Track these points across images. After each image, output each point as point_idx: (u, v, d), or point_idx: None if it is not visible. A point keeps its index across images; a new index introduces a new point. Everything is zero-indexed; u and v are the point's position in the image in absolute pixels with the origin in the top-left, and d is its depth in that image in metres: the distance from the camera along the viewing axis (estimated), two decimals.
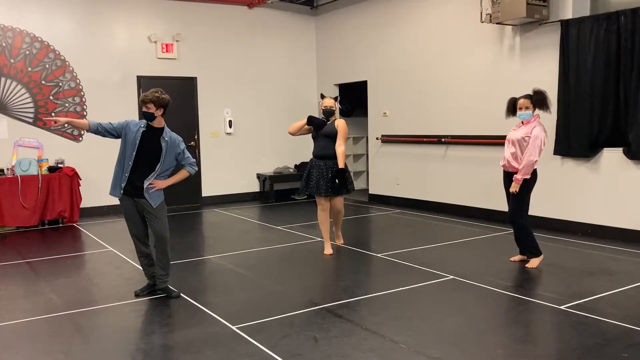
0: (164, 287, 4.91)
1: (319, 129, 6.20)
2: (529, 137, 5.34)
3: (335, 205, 6.37)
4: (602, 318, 4.11)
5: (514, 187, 5.39)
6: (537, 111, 5.47)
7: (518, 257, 5.74)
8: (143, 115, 4.68)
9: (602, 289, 4.78)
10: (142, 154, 4.68)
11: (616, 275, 5.20)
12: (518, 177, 5.36)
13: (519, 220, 5.53)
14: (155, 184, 4.74)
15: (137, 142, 4.66)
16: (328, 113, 6.24)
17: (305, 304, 4.55)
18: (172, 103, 4.76)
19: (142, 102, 4.66)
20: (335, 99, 6.38)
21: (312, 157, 6.34)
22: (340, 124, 6.19)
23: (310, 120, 6.24)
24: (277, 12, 10.88)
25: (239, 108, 10.56)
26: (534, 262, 5.57)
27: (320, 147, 6.22)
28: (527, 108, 5.41)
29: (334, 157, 6.14)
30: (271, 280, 5.38)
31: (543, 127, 5.40)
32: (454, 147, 8.56)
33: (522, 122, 5.49)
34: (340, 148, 6.10)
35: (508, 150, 5.54)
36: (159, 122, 4.74)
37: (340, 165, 6.06)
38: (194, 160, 4.98)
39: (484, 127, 8.02)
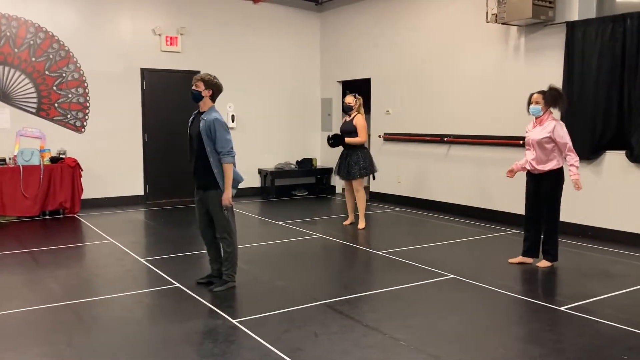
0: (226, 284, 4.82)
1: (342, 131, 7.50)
2: (547, 138, 5.30)
3: (349, 186, 7.66)
4: (602, 320, 4.12)
5: (579, 184, 5.29)
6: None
7: (518, 259, 5.72)
8: (191, 94, 4.64)
9: (602, 291, 4.79)
10: (190, 141, 4.68)
11: (616, 278, 5.21)
12: (578, 173, 5.29)
13: (556, 219, 5.49)
14: (223, 200, 4.57)
15: (188, 129, 4.68)
16: (347, 109, 7.48)
17: (305, 300, 4.56)
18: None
19: (193, 81, 4.64)
20: (354, 95, 7.46)
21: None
22: (357, 120, 7.38)
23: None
24: (282, 7, 10.86)
25: (242, 103, 10.54)
26: (545, 263, 5.56)
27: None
28: (537, 103, 5.40)
29: (353, 147, 7.39)
30: (272, 275, 5.39)
31: (561, 123, 5.40)
32: (456, 147, 8.55)
33: (536, 119, 5.47)
34: (357, 139, 7.35)
35: (530, 153, 5.48)
36: (206, 105, 4.63)
37: (347, 140, 7.35)
38: (231, 147, 4.54)
39: (487, 127, 8.01)
